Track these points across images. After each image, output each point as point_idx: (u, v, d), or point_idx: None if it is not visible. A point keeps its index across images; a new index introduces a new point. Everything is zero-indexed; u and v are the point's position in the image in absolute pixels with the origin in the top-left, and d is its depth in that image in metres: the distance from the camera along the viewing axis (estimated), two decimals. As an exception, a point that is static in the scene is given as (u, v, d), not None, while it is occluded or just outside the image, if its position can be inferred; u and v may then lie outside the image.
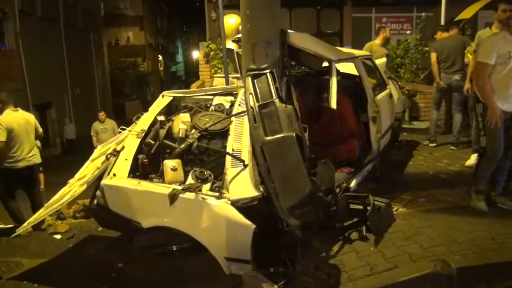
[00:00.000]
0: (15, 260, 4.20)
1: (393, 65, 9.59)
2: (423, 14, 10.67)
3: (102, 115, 11.05)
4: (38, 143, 10.60)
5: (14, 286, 3.63)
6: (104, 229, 4.48)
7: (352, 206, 3.78)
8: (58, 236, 4.78)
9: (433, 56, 6.57)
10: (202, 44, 12.02)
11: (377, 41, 7.86)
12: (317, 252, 3.45)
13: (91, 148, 4.60)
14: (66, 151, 16.60)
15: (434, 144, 6.71)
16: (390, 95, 5.55)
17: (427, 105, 8.56)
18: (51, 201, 4.12)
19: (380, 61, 6.36)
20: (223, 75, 8.41)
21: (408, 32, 13.01)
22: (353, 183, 4.24)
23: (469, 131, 6.10)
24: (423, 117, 8.86)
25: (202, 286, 3.36)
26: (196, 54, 31.77)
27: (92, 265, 3.98)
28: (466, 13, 8.94)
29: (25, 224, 4.14)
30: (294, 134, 3.08)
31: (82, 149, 11.21)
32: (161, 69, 38.68)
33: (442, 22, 9.81)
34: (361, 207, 3.74)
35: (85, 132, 12.15)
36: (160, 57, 38.57)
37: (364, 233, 3.63)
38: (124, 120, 15.99)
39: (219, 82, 9.01)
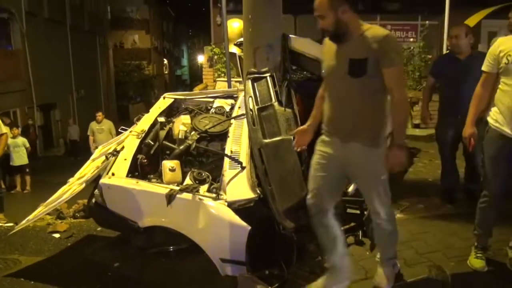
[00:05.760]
0: (13, 258, 4.21)
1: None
2: (427, 22, 10.69)
3: (99, 115, 11.09)
4: (27, 144, 10.39)
5: (10, 283, 3.63)
6: (103, 229, 4.50)
7: (349, 210, 3.79)
8: (57, 235, 4.79)
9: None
10: (206, 48, 12.14)
11: None
12: (312, 256, 3.44)
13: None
14: (69, 152, 16.68)
15: None
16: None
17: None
18: (50, 199, 4.15)
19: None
20: (226, 79, 8.45)
21: (411, 40, 13.02)
22: (351, 188, 4.22)
23: None
24: (425, 125, 8.82)
25: (198, 287, 3.37)
26: (201, 58, 31.88)
27: (88, 264, 3.99)
28: (469, 22, 8.91)
29: (23, 221, 4.17)
30: (292, 137, 3.10)
31: (85, 150, 11.26)
32: (166, 72, 38.88)
33: (446, 31, 9.82)
34: (358, 211, 3.75)
35: (89, 134, 12.20)
36: (165, 61, 38.75)
37: (360, 238, 3.63)
38: (128, 122, 16.01)
39: (222, 86, 9.05)
